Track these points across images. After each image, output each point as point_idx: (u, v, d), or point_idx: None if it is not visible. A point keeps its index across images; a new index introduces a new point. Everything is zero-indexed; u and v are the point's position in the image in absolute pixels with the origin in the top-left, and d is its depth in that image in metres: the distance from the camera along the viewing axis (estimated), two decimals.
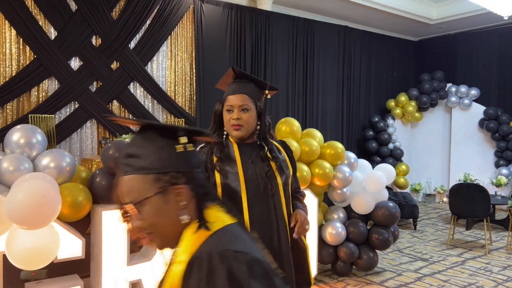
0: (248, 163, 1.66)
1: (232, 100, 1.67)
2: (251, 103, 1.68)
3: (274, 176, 1.67)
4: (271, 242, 1.62)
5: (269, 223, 1.63)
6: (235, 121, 1.64)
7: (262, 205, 1.63)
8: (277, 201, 1.66)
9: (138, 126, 0.96)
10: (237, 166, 1.65)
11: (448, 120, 8.60)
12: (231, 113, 1.66)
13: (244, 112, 1.65)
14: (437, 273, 4.18)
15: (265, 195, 1.64)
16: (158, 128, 0.93)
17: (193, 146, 0.95)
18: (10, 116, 5.03)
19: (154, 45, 5.95)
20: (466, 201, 4.98)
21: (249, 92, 1.69)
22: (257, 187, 1.64)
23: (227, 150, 1.69)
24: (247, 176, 1.64)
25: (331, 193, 3.98)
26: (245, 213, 1.60)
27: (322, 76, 7.90)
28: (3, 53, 4.97)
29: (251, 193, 1.62)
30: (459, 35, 8.98)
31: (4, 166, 2.46)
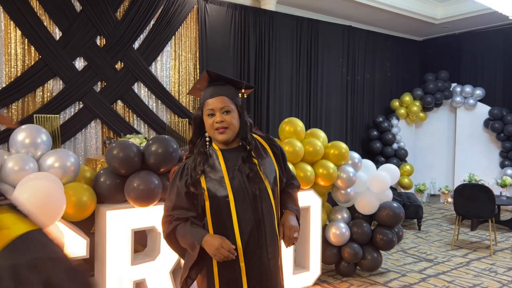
0: (234, 171, 1.62)
1: (212, 103, 1.61)
2: (232, 104, 1.63)
3: (260, 178, 1.63)
4: (261, 250, 1.61)
5: (259, 231, 1.61)
6: (219, 124, 1.59)
7: (252, 212, 1.60)
8: (265, 206, 1.63)
9: None
10: (223, 176, 1.61)
11: (453, 120, 8.56)
12: (213, 117, 1.60)
13: (227, 114, 1.60)
14: (442, 274, 4.16)
15: (255, 201, 1.61)
16: None
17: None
18: (15, 116, 5.06)
19: (158, 45, 5.97)
20: (471, 202, 4.95)
21: (228, 94, 1.64)
22: (246, 194, 1.60)
23: (212, 159, 1.65)
24: (233, 184, 1.60)
25: (335, 193, 3.98)
26: (234, 223, 1.58)
27: (326, 76, 7.89)
28: (8, 54, 5.00)
29: (239, 202, 1.59)
30: (464, 35, 8.94)
31: (9, 166, 2.48)
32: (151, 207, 2.80)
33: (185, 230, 1.62)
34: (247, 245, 1.58)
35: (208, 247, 1.55)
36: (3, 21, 4.96)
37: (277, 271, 1.68)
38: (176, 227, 1.64)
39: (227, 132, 1.60)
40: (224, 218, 1.59)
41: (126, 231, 2.72)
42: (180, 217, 1.64)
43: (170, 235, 1.68)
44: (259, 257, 1.60)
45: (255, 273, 1.60)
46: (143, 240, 3.14)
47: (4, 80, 4.98)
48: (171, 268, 2.89)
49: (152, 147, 2.79)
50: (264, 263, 1.61)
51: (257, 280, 1.60)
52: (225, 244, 1.53)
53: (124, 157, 2.70)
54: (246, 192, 1.60)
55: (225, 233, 1.58)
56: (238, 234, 1.57)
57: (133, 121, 5.92)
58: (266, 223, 1.62)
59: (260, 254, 1.60)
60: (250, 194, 1.60)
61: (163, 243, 2.86)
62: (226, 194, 1.58)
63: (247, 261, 1.59)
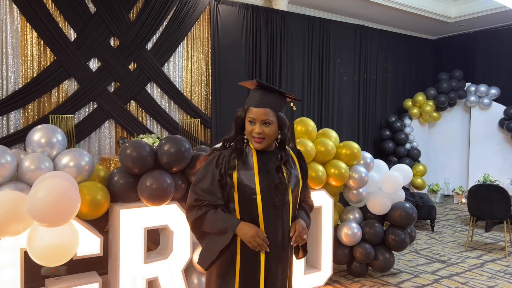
0: (264, 173, 1.71)
1: (255, 113, 1.68)
2: (273, 116, 1.69)
3: (286, 190, 1.73)
4: (281, 249, 1.73)
5: (279, 232, 1.72)
6: (257, 134, 1.68)
7: (274, 214, 1.71)
8: (285, 213, 1.73)
9: None
10: (254, 174, 1.70)
11: (467, 120, 8.45)
12: (253, 125, 1.69)
13: (266, 126, 1.68)
14: (455, 275, 4.12)
15: (277, 208, 1.71)
16: None
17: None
18: (32, 116, 5.15)
19: (171, 46, 6.02)
20: (485, 202, 4.89)
21: (272, 104, 1.70)
22: (269, 196, 1.70)
23: (246, 157, 1.74)
24: (262, 184, 1.69)
25: (346, 193, 3.96)
26: (260, 219, 1.68)
27: (338, 76, 7.86)
28: (24, 55, 5.09)
29: (264, 202, 1.69)
30: (478, 33, 8.81)
31: (26, 165, 2.53)
32: (164, 206, 2.83)
33: (217, 216, 1.70)
34: (270, 242, 1.68)
35: (243, 234, 1.65)
36: (20, 23, 5.05)
37: (286, 276, 1.78)
38: (207, 212, 1.70)
39: (263, 143, 1.70)
40: (252, 212, 1.69)
41: (139, 230, 2.75)
42: (211, 203, 1.71)
43: (198, 220, 1.72)
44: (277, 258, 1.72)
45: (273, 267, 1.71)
46: (156, 238, 3.18)
47: (20, 80, 5.08)
48: (183, 266, 2.92)
49: (164, 146, 2.82)
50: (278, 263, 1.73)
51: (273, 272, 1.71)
52: (260, 233, 1.65)
53: (137, 157, 2.73)
54: (272, 197, 1.70)
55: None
56: (263, 229, 1.68)
57: (146, 121, 5.98)
58: (285, 231, 1.73)
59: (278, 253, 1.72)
60: (275, 201, 1.70)
61: (175, 241, 2.89)
62: (254, 191, 1.68)
63: (267, 255, 1.69)
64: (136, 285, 2.74)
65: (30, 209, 2.08)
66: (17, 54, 5.06)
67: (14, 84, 5.04)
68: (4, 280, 2.38)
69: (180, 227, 2.91)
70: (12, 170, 2.51)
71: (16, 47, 5.05)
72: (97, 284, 2.64)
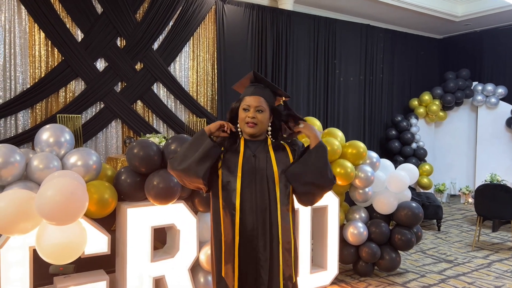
0: (250, 157, 1.83)
1: (249, 100, 1.82)
2: (266, 105, 1.84)
3: (271, 164, 1.82)
4: (264, 228, 1.79)
5: (262, 210, 1.79)
6: (251, 119, 1.80)
7: (256, 195, 1.79)
8: (272, 191, 1.80)
9: None
10: (238, 158, 1.81)
11: (474, 119, 8.40)
12: (247, 112, 1.82)
13: (259, 113, 1.81)
14: (462, 275, 4.10)
15: (261, 184, 1.79)
16: None
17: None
18: (39, 116, 5.20)
19: (177, 46, 6.04)
20: (492, 202, 4.86)
21: (266, 96, 1.85)
22: (253, 177, 1.80)
23: (236, 145, 1.86)
24: (245, 168, 1.80)
25: (352, 193, 3.96)
26: (236, 200, 1.78)
27: (344, 75, 7.84)
28: (32, 55, 5.14)
29: (245, 183, 1.79)
30: (485, 32, 8.75)
31: (35, 164, 2.56)
32: (171, 205, 2.85)
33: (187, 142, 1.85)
34: (245, 223, 1.77)
35: (210, 126, 1.82)
36: (28, 24, 5.10)
37: (278, 259, 1.80)
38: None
39: (255, 128, 1.81)
40: (231, 195, 1.79)
41: (146, 229, 2.77)
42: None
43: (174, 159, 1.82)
44: (258, 238, 1.78)
45: (252, 256, 1.78)
46: (163, 237, 3.20)
47: (29, 81, 5.13)
48: (189, 265, 2.94)
49: (171, 146, 2.84)
50: (266, 242, 1.79)
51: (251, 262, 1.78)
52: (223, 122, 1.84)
53: (144, 156, 2.75)
54: (254, 176, 1.80)
55: (230, 207, 1.78)
56: (238, 211, 1.77)
57: (153, 121, 6.01)
58: (272, 209, 1.80)
59: (263, 231, 1.79)
60: (258, 178, 1.79)
61: (182, 240, 2.91)
62: (235, 174, 1.78)
63: (240, 246, 1.77)
64: (143, 283, 2.76)
65: (39, 208, 2.11)
66: (25, 55, 5.11)
67: (22, 84, 5.09)
68: (13, 278, 2.41)
69: (187, 226, 2.93)
70: (21, 169, 2.54)
71: (24, 48, 5.10)
72: (105, 282, 2.66)
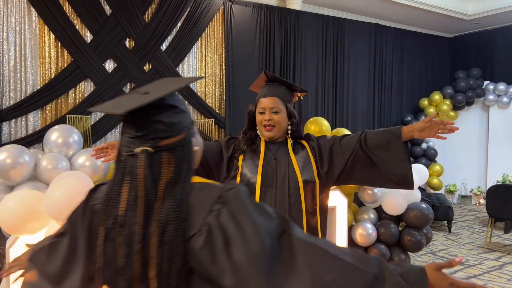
0: (271, 160, 1.76)
1: (264, 102, 1.76)
2: (282, 105, 1.77)
3: (293, 170, 1.73)
4: None
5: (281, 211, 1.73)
6: (267, 121, 1.74)
7: (275, 199, 1.71)
8: (294, 196, 1.70)
9: None
10: (259, 160, 1.75)
11: (486, 119, 8.29)
12: (263, 115, 1.75)
13: (275, 114, 1.75)
14: (473, 277, 4.05)
15: (281, 189, 1.71)
16: None
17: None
18: (49, 117, 5.25)
19: (185, 46, 6.06)
20: (504, 203, 4.79)
21: (280, 95, 1.78)
22: (274, 180, 1.72)
23: (255, 146, 1.80)
24: (265, 170, 1.73)
25: (361, 193, 3.92)
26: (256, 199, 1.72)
27: (353, 75, 7.79)
28: (42, 57, 5.19)
29: (265, 186, 1.71)
30: (497, 31, 8.63)
31: (43, 164, 2.58)
32: None
33: None
34: None
35: None
36: (38, 26, 5.15)
37: None
38: None
39: (273, 130, 1.75)
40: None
41: None
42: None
43: None
44: None
45: None
46: None
47: (39, 82, 5.17)
48: None
49: None
50: None
51: None
52: None
53: None
54: (275, 179, 1.72)
55: None
56: None
57: None
58: (293, 214, 1.69)
59: None
60: (279, 182, 1.71)
61: None
62: (255, 177, 1.71)
63: None
64: None
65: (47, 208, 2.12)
66: (35, 56, 5.16)
67: (32, 85, 5.14)
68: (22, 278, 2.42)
69: None
70: (30, 169, 2.56)
71: (34, 49, 5.15)
72: None
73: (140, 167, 0.88)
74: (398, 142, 1.65)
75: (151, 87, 0.98)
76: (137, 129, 0.91)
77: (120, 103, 0.94)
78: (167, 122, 0.91)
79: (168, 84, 1.01)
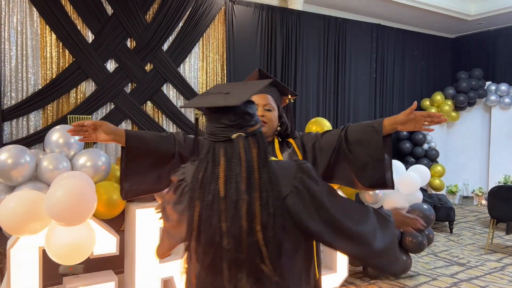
0: None
1: (256, 99, 1.71)
2: (274, 103, 1.76)
3: None
4: None
5: None
6: (260, 117, 1.69)
7: None
8: None
9: None
10: None
11: (487, 119, 8.27)
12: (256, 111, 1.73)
13: (268, 111, 1.73)
14: (475, 278, 4.03)
15: None
16: None
17: None
18: (51, 117, 5.25)
19: (187, 47, 6.05)
20: (506, 204, 4.78)
21: (272, 94, 1.78)
22: None
23: None
24: None
25: (362, 194, 3.92)
26: None
27: (354, 75, 7.78)
28: (44, 57, 5.19)
29: None
30: (499, 31, 8.61)
31: (44, 165, 2.58)
32: None
33: None
34: None
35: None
36: (39, 26, 5.15)
37: None
38: None
39: (265, 127, 1.71)
40: None
41: (154, 229, 2.77)
42: None
43: None
44: None
45: None
46: None
47: (40, 82, 5.17)
48: None
49: None
50: None
51: None
52: None
53: None
54: None
55: None
56: None
57: (162, 122, 6.03)
58: None
59: None
60: None
61: None
62: None
63: None
64: (151, 284, 2.76)
65: (48, 208, 2.12)
66: (36, 56, 5.16)
67: (34, 85, 5.14)
68: (23, 278, 2.43)
69: None
70: (31, 170, 2.56)
71: (36, 49, 5.15)
72: (114, 283, 2.67)
73: (241, 148, 1.14)
74: (377, 137, 1.55)
75: (226, 88, 1.27)
76: (232, 120, 1.17)
77: (215, 100, 1.20)
78: (252, 113, 1.20)
79: (241, 84, 1.33)
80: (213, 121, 1.20)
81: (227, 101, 1.16)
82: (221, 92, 1.24)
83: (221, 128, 1.18)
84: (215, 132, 1.18)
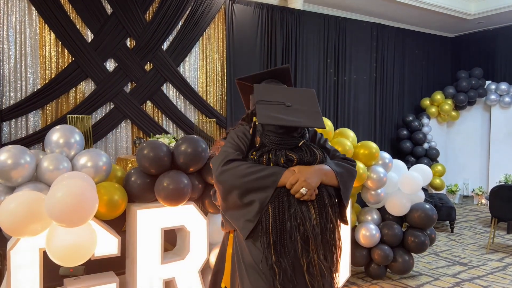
0: None
1: None
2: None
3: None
4: None
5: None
6: None
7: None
8: None
9: None
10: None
11: (487, 119, 8.26)
12: None
13: None
14: (477, 278, 4.02)
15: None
16: None
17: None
18: (50, 117, 5.22)
19: (186, 46, 6.03)
20: (507, 204, 4.77)
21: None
22: None
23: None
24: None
25: (364, 194, 3.90)
26: None
27: (354, 75, 7.77)
28: (43, 56, 5.16)
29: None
30: (499, 30, 8.60)
31: (45, 165, 2.55)
32: (181, 207, 2.82)
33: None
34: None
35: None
36: (38, 25, 5.12)
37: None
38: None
39: None
40: None
41: (156, 230, 2.75)
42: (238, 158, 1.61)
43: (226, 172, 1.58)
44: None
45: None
46: (173, 239, 3.17)
47: (39, 81, 5.14)
48: (200, 267, 2.91)
49: (181, 147, 2.81)
50: None
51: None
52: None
53: (154, 157, 2.73)
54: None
55: None
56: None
57: (162, 121, 6.01)
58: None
59: None
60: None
61: (192, 242, 2.88)
62: None
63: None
64: (153, 285, 2.74)
65: (49, 209, 2.09)
66: (35, 56, 5.13)
67: (33, 85, 5.11)
68: (24, 280, 2.40)
69: (197, 227, 2.90)
70: (31, 170, 2.53)
71: (35, 49, 5.12)
72: (115, 284, 2.64)
73: (306, 152, 1.59)
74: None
75: (284, 96, 1.62)
76: (299, 132, 1.65)
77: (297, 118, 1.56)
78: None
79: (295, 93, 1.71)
80: (282, 134, 1.58)
81: (315, 123, 1.56)
82: (282, 103, 1.57)
83: (292, 139, 1.58)
84: (286, 141, 1.58)
